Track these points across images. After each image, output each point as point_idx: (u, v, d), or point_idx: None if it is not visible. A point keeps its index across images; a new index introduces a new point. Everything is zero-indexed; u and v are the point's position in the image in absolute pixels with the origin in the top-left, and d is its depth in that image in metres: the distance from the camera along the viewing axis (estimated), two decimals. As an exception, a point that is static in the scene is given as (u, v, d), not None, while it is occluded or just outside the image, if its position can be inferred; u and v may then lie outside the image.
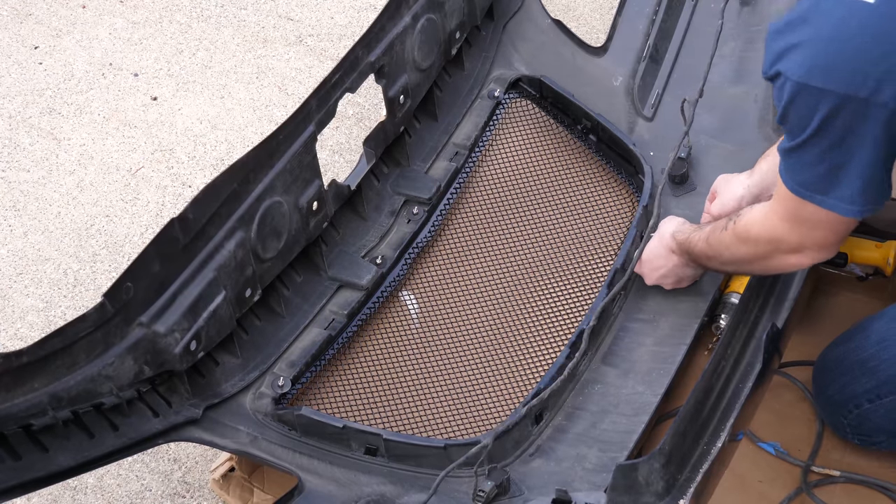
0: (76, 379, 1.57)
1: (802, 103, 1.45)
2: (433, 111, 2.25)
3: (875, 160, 1.48)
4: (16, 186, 2.77)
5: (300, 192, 1.90)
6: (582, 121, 2.27)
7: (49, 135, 2.88)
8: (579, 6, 3.07)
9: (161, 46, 3.10)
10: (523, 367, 1.98)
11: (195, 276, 1.72)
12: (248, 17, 3.16)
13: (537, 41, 2.37)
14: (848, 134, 1.45)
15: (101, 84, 3.01)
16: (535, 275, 2.11)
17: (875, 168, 1.49)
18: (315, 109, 1.89)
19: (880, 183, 1.52)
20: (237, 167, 1.75)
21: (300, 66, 2.99)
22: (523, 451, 1.84)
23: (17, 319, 2.48)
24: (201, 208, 1.70)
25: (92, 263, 2.58)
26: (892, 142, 1.46)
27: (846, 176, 1.50)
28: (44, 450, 1.55)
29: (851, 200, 1.52)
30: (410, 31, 2.07)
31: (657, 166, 2.19)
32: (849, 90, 1.41)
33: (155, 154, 2.81)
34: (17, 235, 2.66)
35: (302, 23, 3.12)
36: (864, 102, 1.41)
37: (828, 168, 1.50)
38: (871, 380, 1.86)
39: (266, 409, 1.86)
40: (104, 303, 1.57)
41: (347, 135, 2.73)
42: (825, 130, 1.46)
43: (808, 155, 1.51)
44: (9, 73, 3.07)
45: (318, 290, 2.01)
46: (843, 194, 1.52)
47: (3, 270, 2.58)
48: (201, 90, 2.96)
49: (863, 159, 1.47)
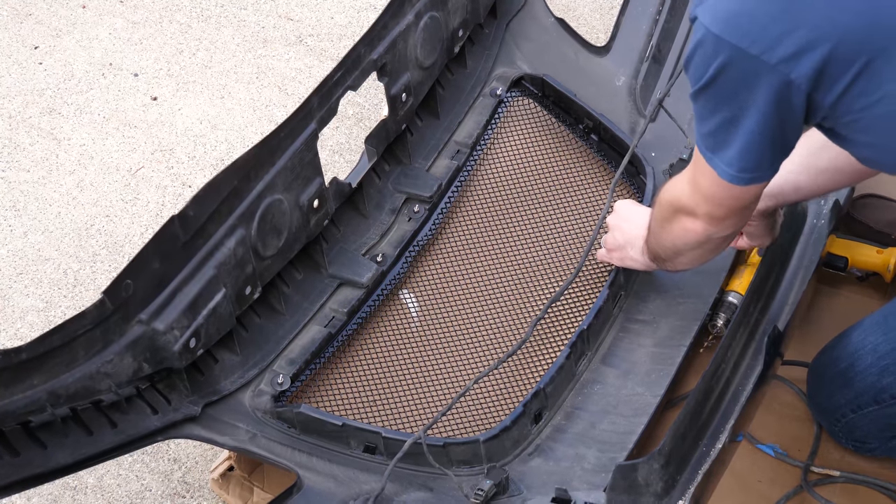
0: (75, 376, 1.57)
1: (703, 51, 1.37)
2: (435, 109, 2.24)
3: (761, 127, 1.39)
4: (16, 186, 2.77)
5: (301, 190, 1.89)
6: (584, 120, 2.26)
7: (49, 135, 2.88)
8: (580, 6, 3.06)
9: (161, 46, 3.10)
10: (523, 366, 1.98)
11: (195, 274, 1.72)
12: (248, 17, 3.15)
13: (540, 40, 2.37)
14: (740, 90, 1.37)
15: (101, 84, 3.01)
16: (535, 274, 2.11)
17: (759, 135, 1.40)
18: (317, 107, 1.89)
19: (760, 153, 1.44)
20: (238, 165, 1.75)
21: (300, 66, 2.99)
22: (522, 450, 1.84)
23: (17, 319, 2.48)
24: (202, 206, 1.70)
25: (92, 263, 2.58)
26: (782, 113, 1.37)
27: (733, 136, 1.42)
28: (42, 446, 1.55)
29: (729, 162, 1.45)
30: (413, 28, 2.06)
31: (659, 167, 2.19)
32: (742, 44, 1.33)
33: (155, 154, 2.81)
34: (17, 235, 2.66)
35: (302, 23, 3.12)
36: (756, 60, 1.33)
37: (718, 124, 1.43)
38: (850, 391, 1.85)
39: (265, 406, 1.85)
40: (104, 300, 1.57)
41: (347, 135, 2.73)
42: (718, 83, 1.38)
43: (701, 107, 1.44)
44: (9, 73, 3.07)
45: (319, 288, 2.01)
46: (726, 155, 1.45)
47: (3, 270, 2.58)
48: (201, 90, 2.96)
49: (749, 122, 1.39)
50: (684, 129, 2.18)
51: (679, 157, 2.17)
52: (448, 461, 1.80)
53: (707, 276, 2.02)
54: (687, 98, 2.23)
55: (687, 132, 2.19)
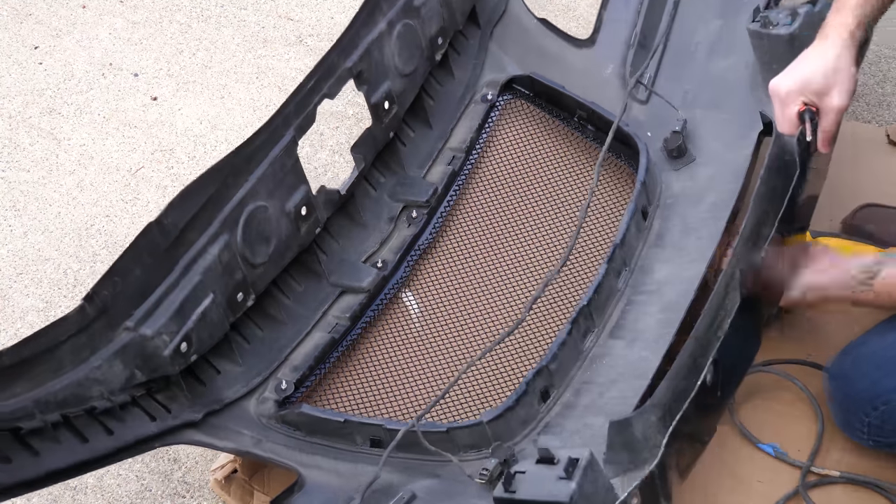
0: (63, 383, 1.60)
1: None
2: (426, 118, 2.26)
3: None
4: (16, 186, 2.78)
5: (286, 197, 1.92)
6: (577, 112, 2.26)
7: (49, 135, 2.90)
8: (579, 6, 3.07)
9: (161, 46, 3.12)
10: (530, 349, 1.95)
11: (180, 280, 1.75)
12: (248, 17, 3.17)
13: (525, 42, 2.38)
14: None
15: (101, 84, 3.03)
16: (538, 269, 2.09)
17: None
18: (293, 114, 1.92)
19: None
20: (212, 172, 1.79)
21: (300, 66, 2.99)
22: (532, 429, 1.79)
23: (17, 319, 2.48)
24: (178, 212, 1.73)
25: (92, 263, 2.58)
26: None
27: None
28: (34, 453, 1.57)
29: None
30: (387, 36, 2.10)
31: (656, 145, 2.17)
32: None
33: (155, 154, 2.82)
34: (17, 235, 2.67)
35: (302, 23, 3.13)
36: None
37: None
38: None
39: (270, 412, 1.85)
40: (83, 306, 1.61)
41: (347, 135, 2.71)
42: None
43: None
44: (9, 73, 3.10)
45: (320, 297, 2.02)
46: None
47: (3, 270, 2.59)
48: (201, 90, 2.97)
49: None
50: (674, 105, 2.17)
51: (672, 129, 2.14)
52: (454, 447, 1.76)
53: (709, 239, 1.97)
54: (675, 78, 2.26)
55: (678, 108, 2.17)
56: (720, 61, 2.25)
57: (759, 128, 2.04)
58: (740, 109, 2.13)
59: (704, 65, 2.27)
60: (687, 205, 2.07)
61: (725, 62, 2.24)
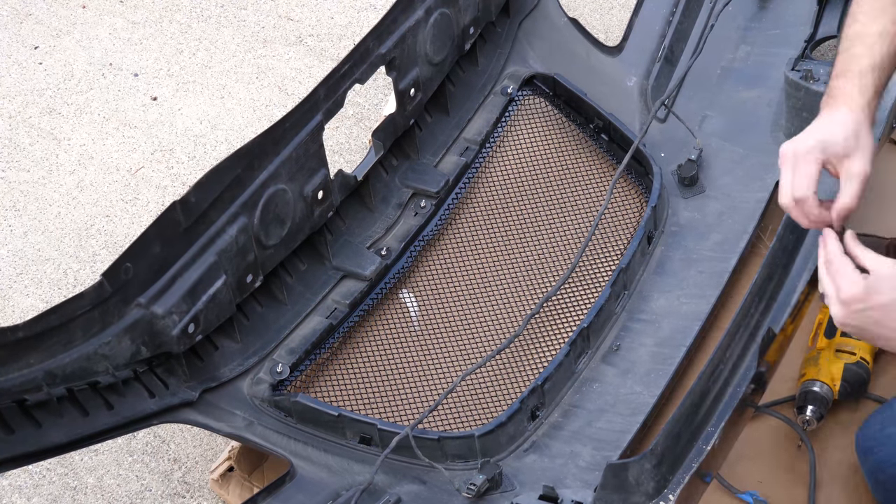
0: (72, 356, 1.59)
1: None
2: (445, 105, 2.25)
3: None
4: (16, 186, 2.78)
5: (305, 181, 1.90)
6: (594, 120, 2.26)
7: (49, 135, 2.89)
8: (580, 6, 3.05)
9: (161, 46, 3.10)
10: (524, 362, 1.98)
11: (196, 260, 1.74)
12: (248, 17, 3.16)
13: (553, 39, 2.37)
14: None
15: (101, 84, 3.02)
16: (539, 273, 2.11)
17: None
18: (323, 99, 1.90)
19: None
20: (242, 153, 1.77)
21: (300, 66, 2.99)
22: (518, 446, 1.84)
23: (18, 319, 2.47)
24: (204, 192, 1.72)
25: (92, 263, 2.59)
26: None
27: None
28: (37, 425, 1.57)
29: None
30: (423, 24, 2.07)
31: (668, 168, 2.19)
32: None
33: (155, 154, 2.82)
34: (17, 235, 2.67)
35: (302, 23, 3.12)
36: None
37: None
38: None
39: (263, 394, 1.87)
40: (102, 282, 1.59)
41: (347, 134, 2.73)
42: None
43: None
44: (9, 73, 3.08)
45: (322, 279, 2.02)
46: None
47: (3, 270, 2.59)
48: (201, 90, 2.96)
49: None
50: (693, 130, 2.18)
51: (687, 157, 2.16)
52: (443, 455, 1.80)
53: (710, 277, 2.01)
54: (697, 99, 2.27)
55: (696, 133, 2.18)
56: (743, 91, 2.27)
57: (776, 176, 2.06)
58: (757, 148, 2.16)
59: (727, 91, 2.28)
60: (692, 237, 2.10)
61: (748, 94, 2.26)
